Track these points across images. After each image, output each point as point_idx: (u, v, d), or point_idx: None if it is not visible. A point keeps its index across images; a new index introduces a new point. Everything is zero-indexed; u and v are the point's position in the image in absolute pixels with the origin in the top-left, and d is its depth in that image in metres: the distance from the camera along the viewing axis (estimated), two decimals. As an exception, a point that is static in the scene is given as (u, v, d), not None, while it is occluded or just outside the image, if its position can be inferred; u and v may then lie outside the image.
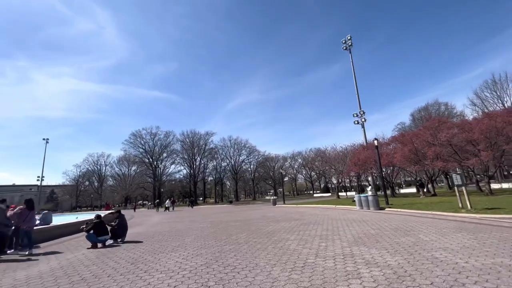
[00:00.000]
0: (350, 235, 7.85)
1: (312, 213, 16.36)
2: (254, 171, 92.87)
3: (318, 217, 13.92)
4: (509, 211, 10.74)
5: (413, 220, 10.46)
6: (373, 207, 15.75)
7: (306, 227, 10.14)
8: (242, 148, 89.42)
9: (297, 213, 17.41)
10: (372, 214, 13.72)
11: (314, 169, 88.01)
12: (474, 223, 8.86)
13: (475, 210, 11.63)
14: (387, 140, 34.69)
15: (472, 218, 10.10)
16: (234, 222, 14.21)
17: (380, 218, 11.59)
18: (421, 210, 13.22)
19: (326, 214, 15.39)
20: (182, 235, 10.17)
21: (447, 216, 11.01)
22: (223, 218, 17.57)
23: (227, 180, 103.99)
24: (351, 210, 17.15)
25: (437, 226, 8.55)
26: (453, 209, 12.57)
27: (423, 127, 26.66)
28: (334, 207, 21.17)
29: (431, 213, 12.12)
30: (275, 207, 26.87)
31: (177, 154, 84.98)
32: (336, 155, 42.16)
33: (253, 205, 37.85)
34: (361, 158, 30.90)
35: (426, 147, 24.42)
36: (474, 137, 20.46)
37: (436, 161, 23.54)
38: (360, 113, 44.02)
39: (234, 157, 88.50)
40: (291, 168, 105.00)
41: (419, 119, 51.65)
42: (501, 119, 19.46)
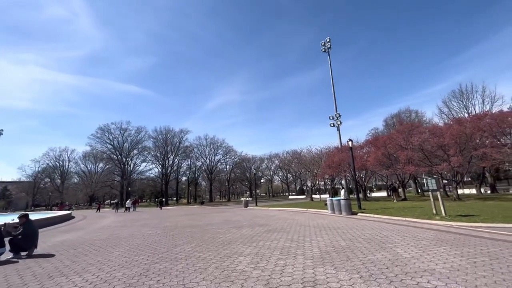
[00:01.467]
0: (316, 248, 6.48)
1: (281, 217, 15.02)
2: (230, 172, 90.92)
3: (286, 222, 12.57)
4: (484, 219, 10.10)
5: (388, 228, 9.41)
6: (345, 211, 14.76)
7: (269, 236, 8.67)
8: (219, 147, 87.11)
9: (265, 217, 15.98)
10: (344, 219, 12.64)
11: (290, 171, 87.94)
12: (452, 233, 7.93)
13: (449, 217, 10.92)
14: (361, 144, 34.63)
15: (448, 226, 9.26)
16: (192, 227, 12.42)
17: (352, 225, 10.46)
18: (394, 216, 12.36)
19: (296, 218, 14.11)
20: (116, 246, 8.23)
21: (422, 223, 10.14)
22: (182, 221, 15.67)
23: (203, 180, 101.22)
24: (322, 214, 16.07)
25: (415, 237, 7.48)
26: (427, 215, 11.83)
27: (397, 131, 26.65)
28: (305, 210, 20.07)
29: (406, 220, 11.24)
30: (246, 210, 25.33)
31: (149, 152, 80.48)
32: (311, 158, 41.64)
33: (224, 207, 36.02)
34: (335, 161, 30.39)
35: (399, 151, 24.28)
36: (444, 142, 20.44)
37: (408, 165, 23.42)
38: (336, 116, 43.94)
39: (210, 157, 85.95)
40: (268, 170, 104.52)
41: (391, 125, 52.97)
42: (470, 125, 19.57)
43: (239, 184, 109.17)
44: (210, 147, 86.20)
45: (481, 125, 18.06)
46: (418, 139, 23.11)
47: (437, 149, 21.84)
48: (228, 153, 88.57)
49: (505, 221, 9.45)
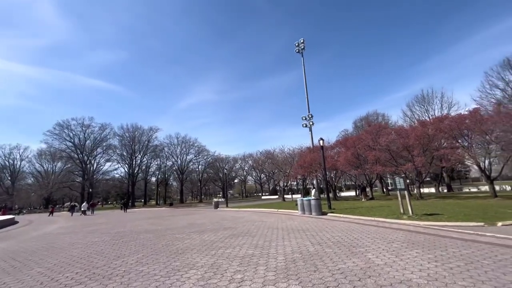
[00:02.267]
0: (282, 256, 5.71)
1: (250, 219, 14.20)
2: (203, 172, 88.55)
3: (254, 224, 11.76)
4: (448, 218, 10.17)
5: (357, 229, 9.01)
6: (316, 211, 14.36)
7: (232, 242, 7.77)
8: (191, 147, 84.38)
9: (233, 219, 15.06)
10: (314, 220, 12.16)
11: (264, 171, 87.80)
12: (422, 233, 7.68)
13: (416, 216, 10.90)
14: (332, 144, 35.12)
15: (416, 226, 9.09)
16: (148, 232, 11.09)
17: (322, 227, 9.95)
18: (364, 216, 12.15)
19: (265, 220, 13.38)
20: (42, 260, 6.79)
21: (391, 223, 9.93)
22: (141, 226, 14.17)
23: (174, 181, 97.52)
24: (292, 215, 15.55)
25: (385, 239, 7.06)
26: (395, 215, 11.76)
27: (365, 132, 27.28)
28: (276, 211, 19.50)
29: (375, 220, 11.03)
30: (215, 211, 24.17)
31: (114, 150, 75.17)
32: (284, 158, 41.54)
33: (194, 208, 34.40)
34: (307, 161, 30.38)
35: (368, 151, 24.79)
36: (409, 143, 21.15)
37: (376, 165, 23.99)
38: (309, 117, 44.41)
39: (181, 156, 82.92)
40: (241, 170, 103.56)
41: (360, 127, 55.01)
42: (432, 127, 20.43)
43: (212, 185, 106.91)
44: (182, 146, 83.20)
45: (442, 126, 18.92)
46: (385, 140, 23.76)
47: (403, 149, 22.58)
48: (200, 152, 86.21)
49: (467, 219, 9.53)
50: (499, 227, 8.18)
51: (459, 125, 17.80)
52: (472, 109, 18.50)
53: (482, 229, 7.92)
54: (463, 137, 18.27)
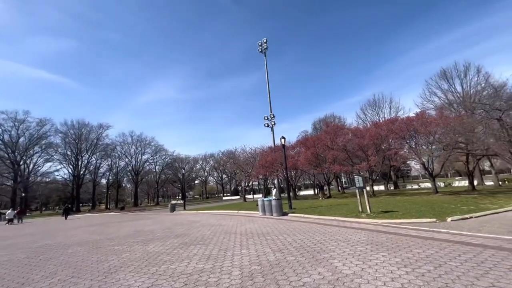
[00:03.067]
0: (237, 270, 4.82)
1: (207, 223, 13.05)
2: (160, 173, 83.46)
3: (211, 229, 10.68)
4: (403, 215, 10.40)
5: (319, 230, 8.57)
6: (276, 212, 13.83)
7: (180, 253, 6.63)
8: (147, 146, 78.95)
9: (189, 223, 13.73)
10: (275, 222, 11.55)
11: (225, 172, 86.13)
12: (382, 232, 7.50)
13: (374, 214, 11.00)
14: (292, 144, 35.51)
15: (375, 224, 9.02)
16: (81, 245, 9.26)
17: (283, 229, 9.33)
18: (324, 216, 11.94)
19: (224, 224, 12.38)
20: None
21: (352, 222, 9.77)
22: (76, 236, 12.01)
23: (128, 183, 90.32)
24: (253, 216, 14.81)
25: (349, 240, 6.66)
26: (354, 213, 11.76)
27: (325, 132, 28.00)
28: (236, 212, 18.61)
29: (335, 219, 10.83)
30: (171, 215, 22.32)
31: (56, 149, 66.24)
32: (245, 158, 40.88)
33: (147, 212, 31.65)
34: (268, 160, 30.12)
35: (326, 151, 25.39)
36: (364, 143, 22.13)
37: (334, 164, 24.67)
38: (270, 116, 44.58)
39: (136, 156, 77.07)
40: (202, 171, 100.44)
41: (319, 128, 57.27)
42: (385, 128, 21.65)
43: (170, 186, 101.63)
44: (137, 145, 77.39)
45: (394, 127, 20.15)
46: (343, 140, 24.60)
47: (358, 149, 23.56)
48: (158, 152, 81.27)
49: (420, 215, 9.82)
50: (449, 223, 8.47)
51: (408, 126, 19.10)
52: (419, 112, 20.20)
53: (435, 225, 8.08)
54: (411, 138, 19.67)
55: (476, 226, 7.55)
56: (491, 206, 11.31)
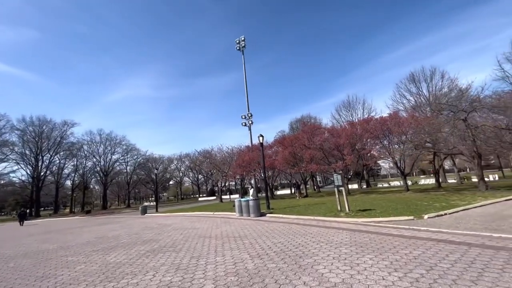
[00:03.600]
0: (211, 283, 4.16)
1: (179, 226, 12.13)
2: (132, 173, 79.30)
3: (183, 233, 9.84)
4: (381, 213, 10.37)
5: (299, 231, 8.16)
6: (254, 213, 13.28)
7: (146, 263, 5.80)
8: (117, 145, 74.74)
9: (159, 227, 12.71)
10: (253, 224, 10.99)
11: (202, 172, 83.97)
12: (364, 232, 7.25)
13: (352, 212, 10.88)
14: (270, 144, 35.26)
15: (355, 223, 8.81)
16: (27, 257, 7.96)
17: (261, 231, 8.79)
18: (303, 215, 11.62)
19: (198, 227, 11.56)
20: None
21: (332, 222, 9.50)
22: (26, 245, 10.48)
23: (97, 184, 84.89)
24: (230, 218, 14.13)
25: (331, 242, 6.29)
26: (332, 212, 11.58)
27: (302, 131, 28.06)
28: (212, 214, 17.78)
29: (315, 219, 10.53)
30: (141, 218, 20.87)
31: (12, 148, 59.97)
32: (222, 157, 39.90)
33: (116, 216, 29.55)
34: (245, 160, 29.56)
35: (304, 150, 25.40)
36: (341, 142, 22.40)
37: (311, 163, 24.74)
38: (248, 115, 44.12)
39: (105, 156, 72.59)
40: (177, 171, 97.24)
41: (296, 128, 57.93)
42: (360, 127, 22.08)
43: (143, 188, 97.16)
44: (106, 144, 72.97)
45: (369, 127, 20.60)
46: (320, 139, 24.75)
47: (334, 148, 23.83)
48: (129, 152, 77.32)
49: (397, 213, 9.82)
50: (426, 220, 8.49)
51: (382, 126, 19.60)
52: (392, 112, 20.88)
53: (414, 223, 8.03)
54: (384, 137, 20.23)
55: (453, 223, 7.59)
56: (460, 202, 11.73)
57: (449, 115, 17.59)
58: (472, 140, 16.80)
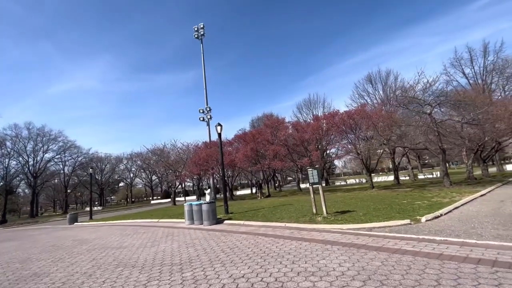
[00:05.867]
0: None
1: (100, 245, 8.67)
2: (71, 175, 68.86)
3: (98, 258, 6.56)
4: (364, 215, 8.45)
5: (272, 250, 5.63)
6: (208, 220, 10.43)
7: None
8: (51, 141, 63.96)
9: (71, 246, 9.04)
10: (204, 236, 8.16)
11: (156, 173, 76.97)
12: (363, 248, 5.03)
13: (330, 216, 8.80)
14: (230, 140, 32.40)
15: (341, 232, 6.63)
16: None
17: (215, 251, 6.04)
18: (271, 221, 9.17)
19: (126, 244, 8.27)
20: None
21: (310, 231, 7.19)
22: None
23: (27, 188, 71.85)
24: (176, 227, 11.01)
25: (328, 274, 3.86)
26: (306, 216, 9.37)
27: (265, 125, 25.97)
28: (156, 222, 14.37)
29: (287, 227, 8.13)
30: (63, 230, 16.32)
31: None
32: (176, 155, 35.79)
33: (34, 227, 23.68)
34: (202, 157, 26.29)
35: (267, 145, 23.26)
36: (306, 137, 20.78)
37: (274, 160, 22.72)
38: (206, 110, 40.57)
39: (35, 154, 61.58)
40: (127, 171, 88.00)
41: (257, 126, 56.13)
42: (326, 122, 20.74)
43: (87, 191, 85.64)
44: (37, 140, 61.92)
45: (335, 121, 19.31)
46: (284, 134, 22.88)
47: (299, 144, 22.16)
48: (67, 149, 66.81)
49: (386, 217, 7.99)
50: (427, 224, 6.72)
51: (349, 119, 18.41)
52: (359, 105, 20.00)
53: (416, 229, 6.15)
54: (351, 131, 19.13)
55: (466, 228, 5.87)
56: (441, 199, 10.58)
57: (417, 108, 17.07)
58: (437, 135, 16.45)
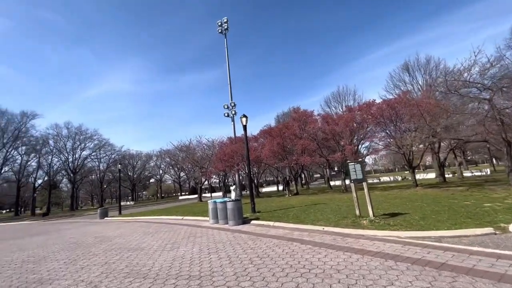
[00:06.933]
0: None
1: (119, 244, 8.06)
2: (105, 171, 72.80)
3: (111, 262, 5.83)
4: (422, 220, 6.86)
5: (313, 263, 4.39)
6: (234, 220, 9.43)
7: None
8: (87, 139, 67.96)
9: (91, 244, 8.57)
10: (230, 239, 7.15)
11: (184, 169, 78.75)
12: (446, 268, 3.61)
13: (379, 219, 7.30)
14: (255, 135, 31.31)
15: (401, 242, 5.16)
16: None
17: (242, 261, 4.95)
18: (305, 224, 7.90)
19: (145, 245, 7.55)
20: None
21: (358, 238, 5.80)
22: None
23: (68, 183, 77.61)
24: (200, 227, 10.18)
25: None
26: (347, 218, 7.97)
27: (292, 119, 24.46)
28: (180, 219, 13.76)
29: (326, 231, 6.82)
30: (92, 225, 16.46)
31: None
32: (202, 150, 35.57)
33: (69, 220, 24.68)
34: (227, 153, 25.58)
35: (295, 140, 21.81)
36: (338, 130, 19.00)
37: (303, 155, 21.23)
38: (231, 105, 39.95)
39: (74, 152, 65.88)
40: (157, 168, 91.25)
41: (283, 122, 54.48)
42: (361, 113, 18.75)
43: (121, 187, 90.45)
44: (75, 139, 66.17)
45: (373, 111, 17.28)
46: (313, 127, 21.27)
47: (330, 138, 20.41)
48: (101, 147, 70.56)
49: (450, 222, 6.35)
50: (521, 235, 5.04)
51: (390, 108, 16.29)
52: (401, 93, 17.73)
53: (509, 242, 4.54)
54: (392, 123, 16.95)
55: None
56: (518, 201, 8.52)
57: (470, 94, 14.55)
58: (500, 124, 13.85)
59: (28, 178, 62.21)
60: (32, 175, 61.97)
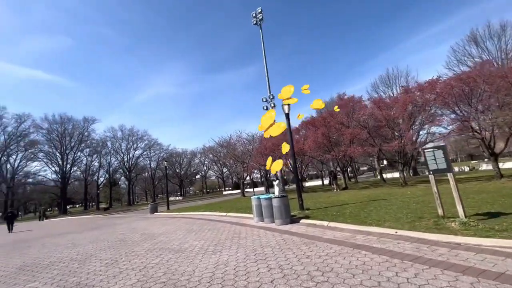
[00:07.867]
0: None
1: (162, 243, 7.69)
2: (156, 168, 78.39)
3: (149, 264, 5.31)
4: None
5: (382, 283, 3.12)
6: (281, 218, 8.40)
7: None
8: (139, 140, 73.65)
9: (138, 241, 8.41)
10: (279, 243, 6.14)
11: (226, 165, 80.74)
12: None
13: (474, 222, 5.53)
14: (297, 127, 29.75)
15: None
16: None
17: (296, 276, 3.88)
18: (367, 226, 6.46)
19: (187, 246, 6.99)
20: None
21: (452, 248, 4.29)
22: None
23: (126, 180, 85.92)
24: (244, 225, 9.40)
25: None
26: (423, 217, 6.32)
27: (339, 106, 22.32)
28: (224, 215, 13.30)
29: (399, 235, 5.35)
30: (142, 220, 17.13)
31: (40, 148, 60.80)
32: (242, 145, 35.33)
33: (125, 215, 26.56)
34: (268, 146, 24.65)
35: (342, 129, 19.83)
36: (395, 115, 16.53)
37: (352, 146, 19.17)
38: (270, 98, 38.84)
39: (128, 152, 72.02)
40: (202, 165, 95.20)
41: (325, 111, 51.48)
42: (423, 93, 15.96)
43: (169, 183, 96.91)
44: (128, 140, 72.22)
45: (439, 90, 14.47)
46: (363, 114, 19.02)
47: (384, 125, 17.95)
48: (151, 147, 75.91)
49: None
50: None
51: (462, 84, 13.38)
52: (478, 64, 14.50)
53: None
54: (466, 101, 13.96)
55: None
56: None
57: None
58: None
59: (92, 177, 70.07)
60: (96, 174, 69.60)
